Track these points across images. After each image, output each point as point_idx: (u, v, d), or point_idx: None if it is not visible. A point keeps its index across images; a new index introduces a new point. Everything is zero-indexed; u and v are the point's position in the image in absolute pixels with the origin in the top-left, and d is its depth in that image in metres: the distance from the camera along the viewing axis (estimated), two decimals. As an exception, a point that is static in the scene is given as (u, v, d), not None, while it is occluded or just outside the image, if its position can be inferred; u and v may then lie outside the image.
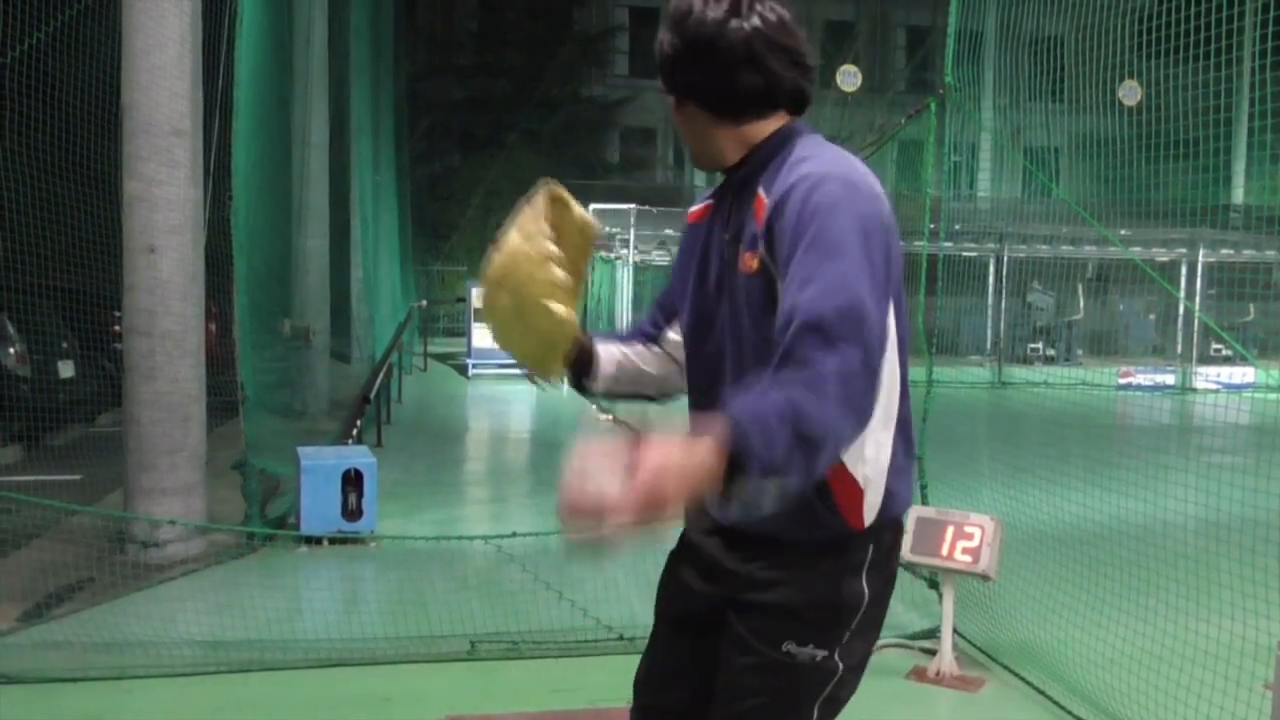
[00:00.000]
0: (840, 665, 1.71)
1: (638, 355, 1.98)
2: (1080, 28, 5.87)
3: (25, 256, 6.30)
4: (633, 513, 1.24)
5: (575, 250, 1.84)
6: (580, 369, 1.93)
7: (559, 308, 1.80)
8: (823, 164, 1.59)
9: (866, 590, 1.71)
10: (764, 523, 1.57)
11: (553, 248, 1.79)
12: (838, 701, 1.76)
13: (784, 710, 1.72)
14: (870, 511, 1.67)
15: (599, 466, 1.27)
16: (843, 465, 1.62)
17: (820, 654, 1.69)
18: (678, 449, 1.29)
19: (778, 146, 1.69)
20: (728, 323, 1.71)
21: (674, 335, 1.96)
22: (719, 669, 1.77)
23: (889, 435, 1.67)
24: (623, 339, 2.01)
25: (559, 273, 1.80)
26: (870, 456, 1.65)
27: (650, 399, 2.01)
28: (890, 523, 1.73)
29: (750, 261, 1.62)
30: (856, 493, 1.65)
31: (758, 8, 1.65)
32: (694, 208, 1.90)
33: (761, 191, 1.64)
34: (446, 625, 4.71)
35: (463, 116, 29.62)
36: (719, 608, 1.77)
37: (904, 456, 1.71)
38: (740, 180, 1.73)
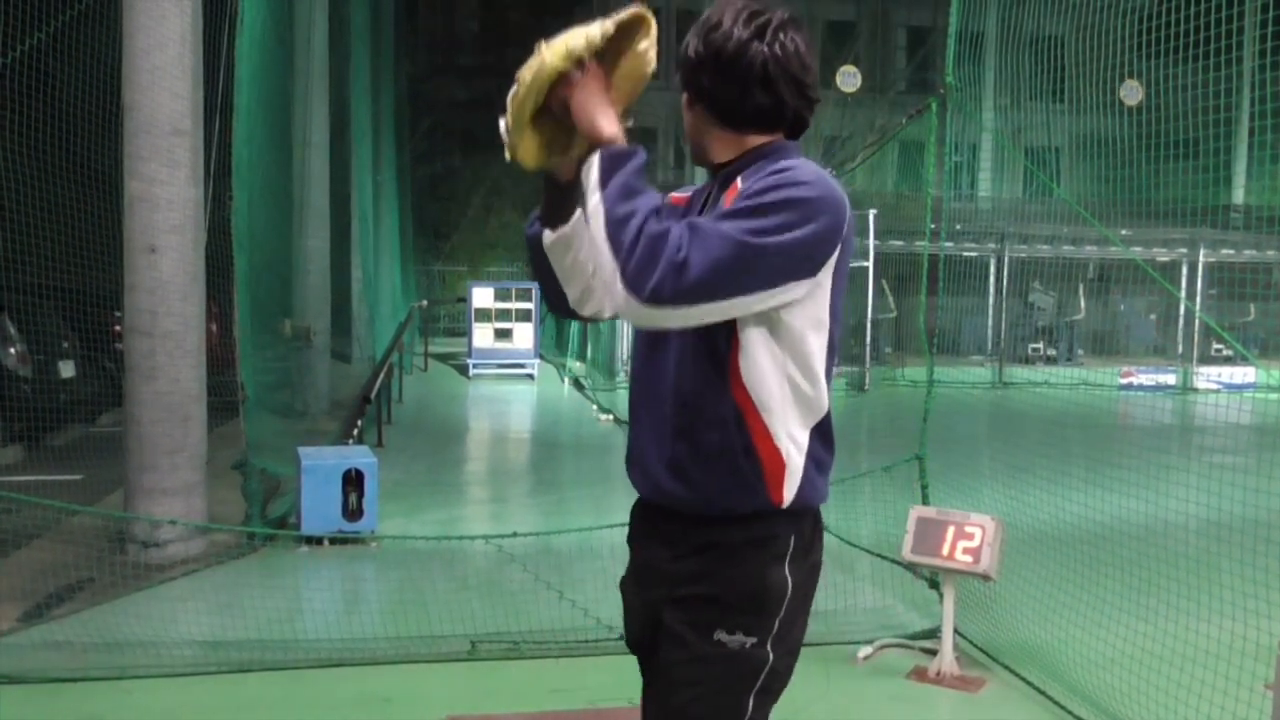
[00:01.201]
0: (770, 654, 1.80)
1: None
2: (1081, 28, 5.87)
3: (26, 256, 6.30)
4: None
5: (622, 84, 1.82)
6: (558, 206, 1.87)
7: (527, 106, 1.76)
8: (803, 170, 1.74)
9: (790, 579, 1.82)
10: (696, 491, 1.78)
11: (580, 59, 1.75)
12: (770, 693, 1.84)
13: (719, 701, 1.80)
14: (790, 490, 1.79)
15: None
16: (769, 435, 1.77)
17: (750, 641, 1.79)
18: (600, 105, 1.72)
19: (770, 154, 1.84)
20: None
21: None
22: (657, 673, 1.89)
23: (806, 432, 1.81)
24: None
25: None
26: (792, 438, 1.79)
27: None
28: (809, 512, 1.86)
29: None
30: (779, 465, 1.78)
31: (780, 37, 1.80)
32: (677, 193, 2.03)
33: (739, 181, 1.80)
34: (447, 625, 4.71)
35: (464, 116, 29.62)
36: (657, 613, 1.88)
37: (823, 452, 1.85)
38: (725, 175, 1.87)
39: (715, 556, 1.81)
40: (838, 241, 1.73)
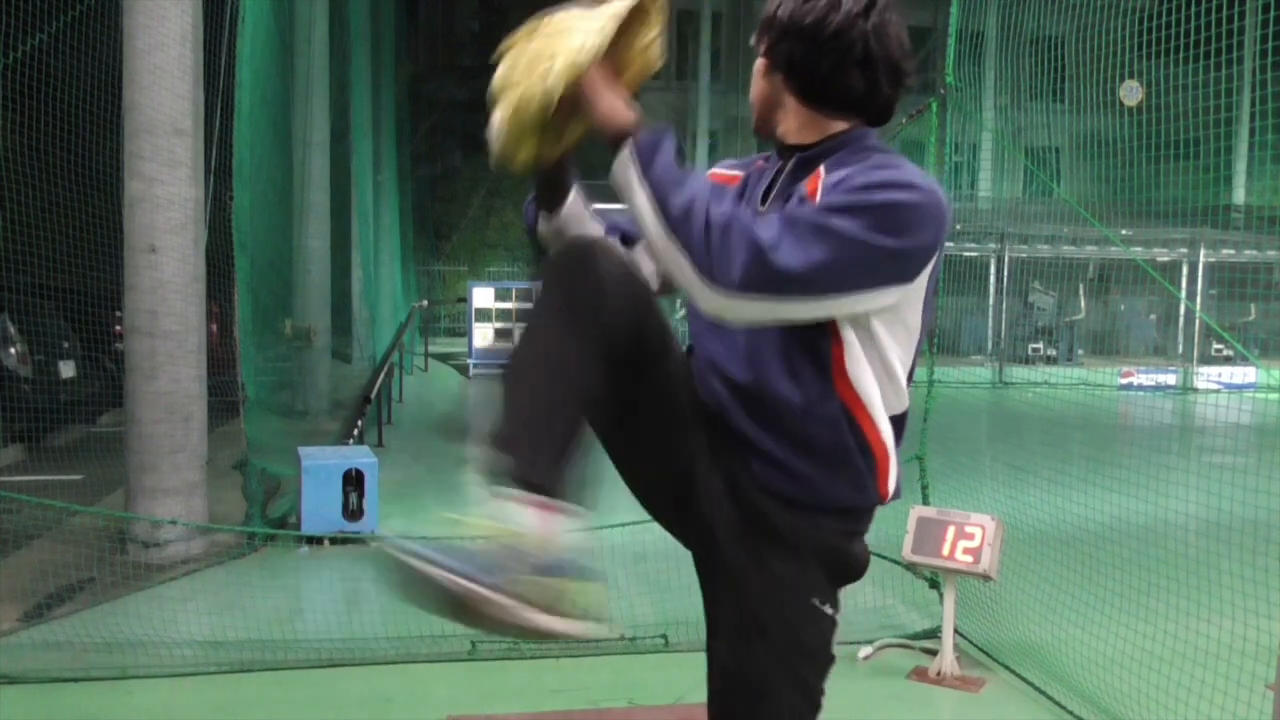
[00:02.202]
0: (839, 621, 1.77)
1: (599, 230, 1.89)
2: (1081, 28, 5.87)
3: (27, 256, 6.30)
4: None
5: (628, 73, 1.70)
6: (551, 191, 1.81)
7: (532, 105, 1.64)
8: (910, 171, 1.60)
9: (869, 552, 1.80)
10: (811, 488, 1.68)
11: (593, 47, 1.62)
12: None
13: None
14: (892, 484, 1.74)
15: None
16: (877, 431, 1.68)
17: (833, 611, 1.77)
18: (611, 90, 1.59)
19: (852, 142, 1.69)
20: None
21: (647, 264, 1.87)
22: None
23: (889, 425, 1.72)
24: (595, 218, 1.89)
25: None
26: (888, 435, 1.71)
27: None
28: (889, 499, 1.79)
29: None
30: (886, 459, 1.71)
31: (888, 16, 1.65)
32: (719, 169, 1.89)
33: (823, 169, 1.65)
34: (447, 625, 4.69)
35: (464, 117, 29.59)
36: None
37: (897, 445, 1.77)
38: (802, 159, 1.71)
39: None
40: (937, 250, 1.63)
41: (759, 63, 1.74)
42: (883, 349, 1.66)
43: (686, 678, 3.90)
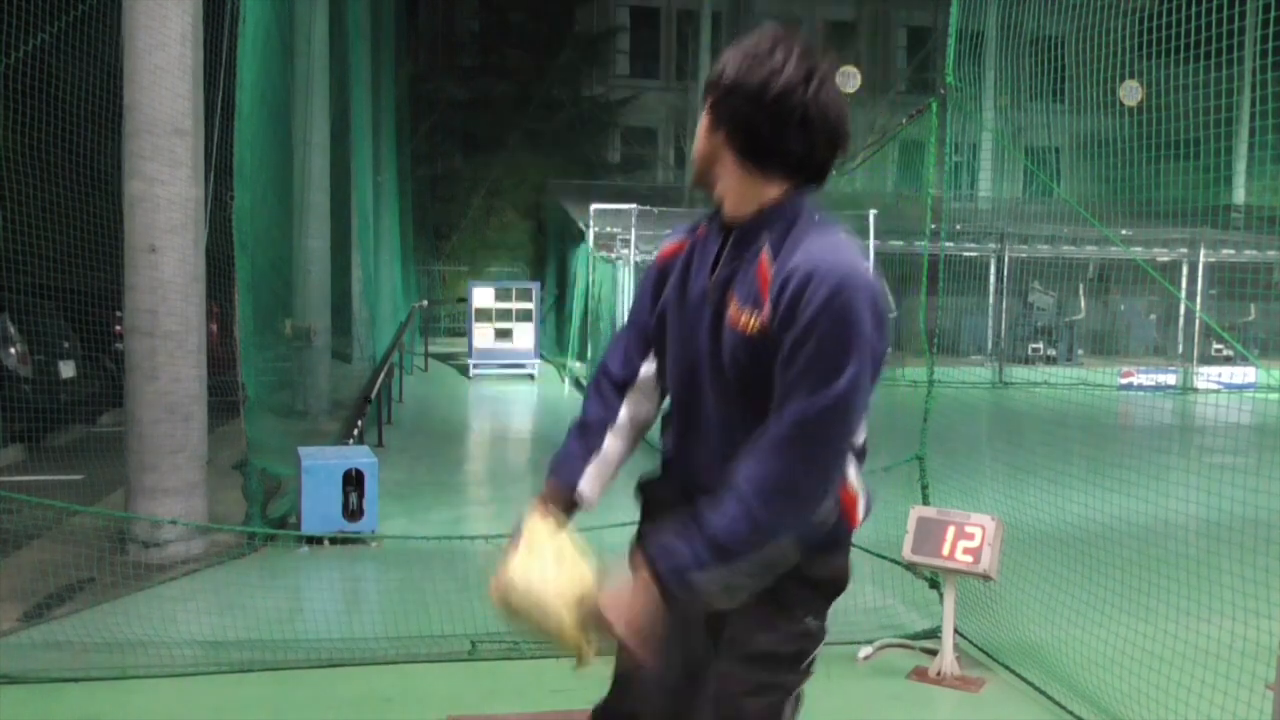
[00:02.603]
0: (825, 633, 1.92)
1: (614, 453, 2.02)
2: (1081, 28, 5.87)
3: (27, 256, 6.30)
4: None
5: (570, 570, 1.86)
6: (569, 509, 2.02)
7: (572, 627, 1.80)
8: (835, 259, 1.68)
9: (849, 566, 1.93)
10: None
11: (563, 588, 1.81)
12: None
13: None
14: (861, 512, 1.90)
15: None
16: (846, 483, 1.83)
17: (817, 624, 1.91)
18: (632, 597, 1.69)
19: (788, 214, 1.77)
20: (708, 365, 1.81)
21: (646, 369, 2.03)
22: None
23: (852, 461, 1.87)
24: (594, 445, 2.01)
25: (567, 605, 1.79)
26: (852, 477, 1.86)
27: None
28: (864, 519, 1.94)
29: (747, 321, 1.71)
30: (853, 502, 1.88)
31: (826, 84, 1.72)
32: (665, 245, 1.99)
33: (767, 252, 1.73)
34: (447, 625, 4.71)
35: (464, 117, 29.60)
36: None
37: (860, 466, 1.92)
38: (743, 234, 1.79)
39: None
40: (886, 332, 1.71)
41: (703, 119, 1.80)
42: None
43: (686, 678, 3.90)
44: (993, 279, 19.25)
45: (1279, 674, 2.98)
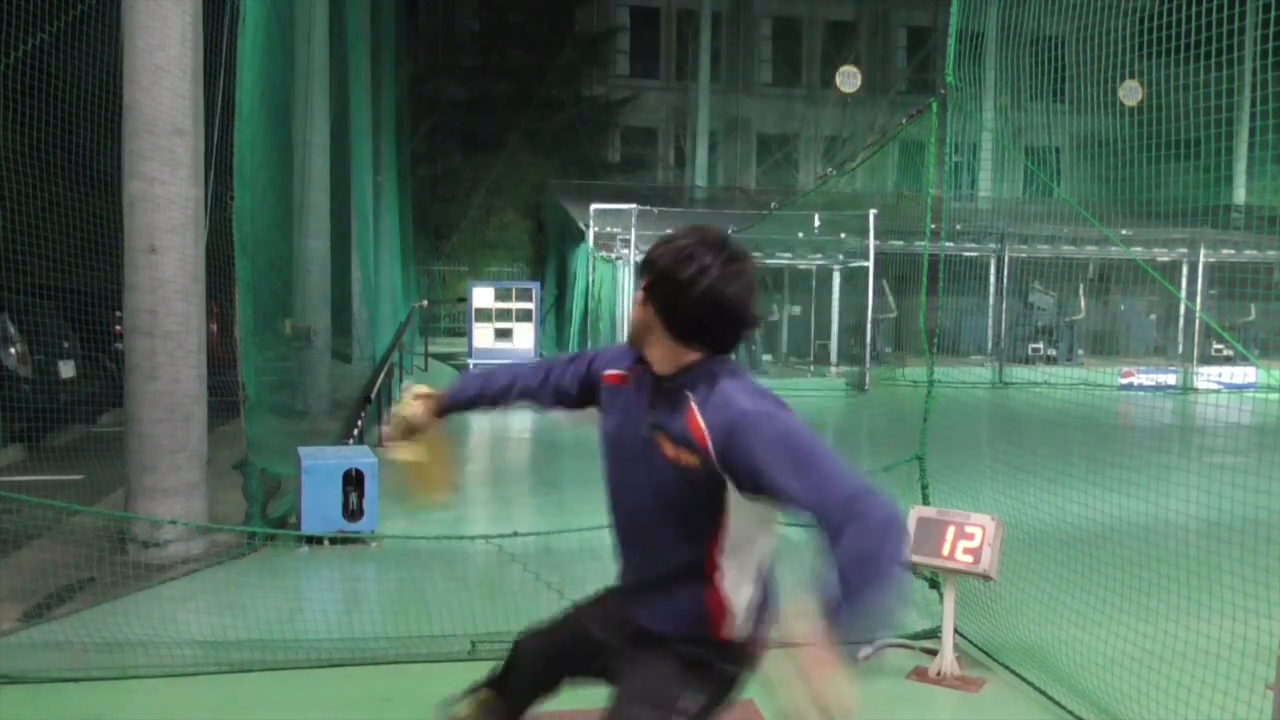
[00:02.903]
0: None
1: (489, 402, 2.81)
2: (1081, 28, 5.87)
3: (27, 256, 6.30)
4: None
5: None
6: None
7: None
8: (755, 401, 2.03)
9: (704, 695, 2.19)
10: (660, 624, 2.20)
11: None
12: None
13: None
14: (729, 630, 2.15)
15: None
16: (720, 594, 2.13)
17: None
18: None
19: (704, 374, 2.10)
20: (646, 481, 2.15)
21: (556, 414, 2.64)
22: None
23: (749, 586, 2.16)
24: (490, 388, 2.78)
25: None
26: (738, 596, 2.15)
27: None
28: (743, 648, 2.18)
29: (681, 455, 2.06)
30: (723, 613, 2.15)
31: (741, 278, 2.06)
32: (611, 372, 2.33)
33: (695, 404, 2.06)
34: (447, 625, 4.71)
35: (464, 117, 29.60)
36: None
37: (762, 603, 2.19)
38: (671, 388, 2.13)
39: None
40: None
41: (638, 294, 2.17)
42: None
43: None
44: (993, 279, 19.24)
45: (1279, 674, 2.98)
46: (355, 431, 8.44)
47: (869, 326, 18.07)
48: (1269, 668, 3.32)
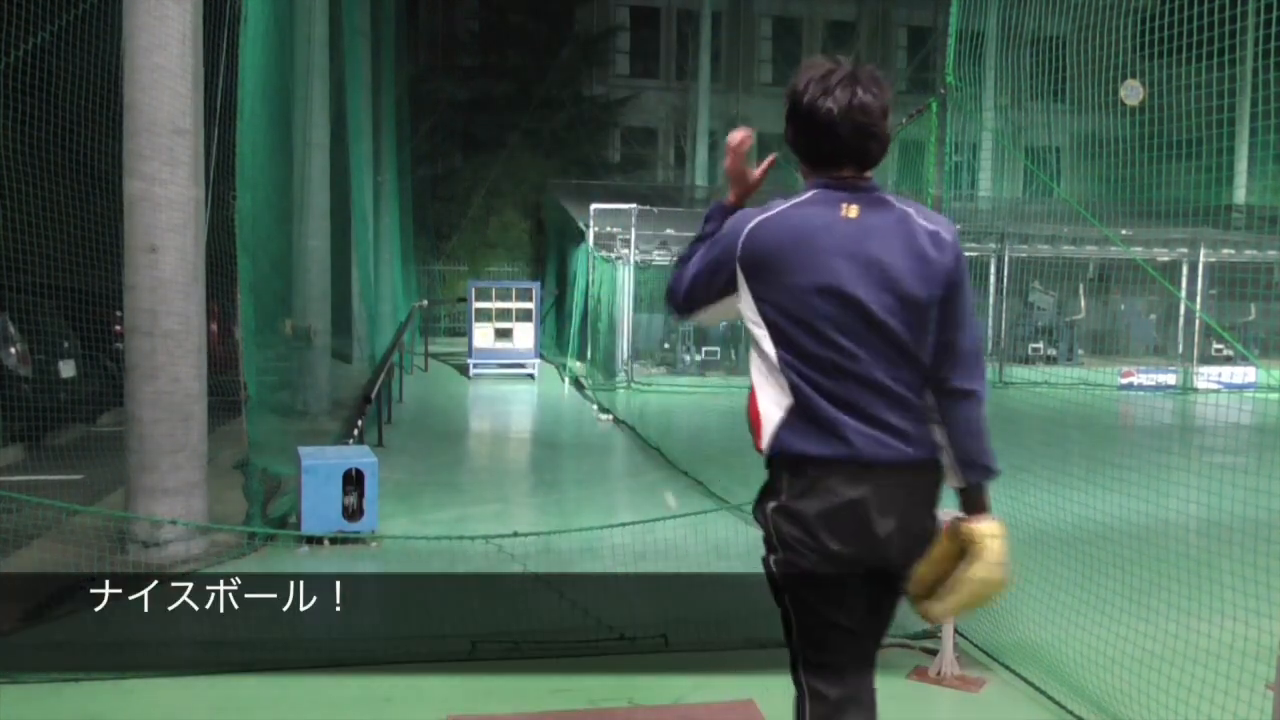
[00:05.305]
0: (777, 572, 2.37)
1: None
2: (1082, 27, 5.86)
3: (27, 256, 6.30)
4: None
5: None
6: None
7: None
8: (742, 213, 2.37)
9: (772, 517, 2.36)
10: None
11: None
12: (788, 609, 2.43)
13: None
14: (764, 440, 2.32)
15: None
16: (755, 407, 2.34)
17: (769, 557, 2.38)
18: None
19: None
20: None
21: None
22: None
23: (780, 410, 2.30)
24: None
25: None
26: (767, 408, 2.32)
27: None
28: (785, 461, 2.31)
29: None
30: (757, 422, 2.34)
31: (828, 98, 2.20)
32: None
33: None
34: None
35: (464, 117, 29.58)
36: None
37: (801, 422, 2.28)
38: None
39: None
40: (731, 265, 2.25)
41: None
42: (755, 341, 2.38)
43: (686, 678, 3.90)
44: (993, 279, 19.23)
45: (1279, 674, 2.98)
46: (355, 431, 8.44)
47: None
48: (1269, 668, 3.31)
